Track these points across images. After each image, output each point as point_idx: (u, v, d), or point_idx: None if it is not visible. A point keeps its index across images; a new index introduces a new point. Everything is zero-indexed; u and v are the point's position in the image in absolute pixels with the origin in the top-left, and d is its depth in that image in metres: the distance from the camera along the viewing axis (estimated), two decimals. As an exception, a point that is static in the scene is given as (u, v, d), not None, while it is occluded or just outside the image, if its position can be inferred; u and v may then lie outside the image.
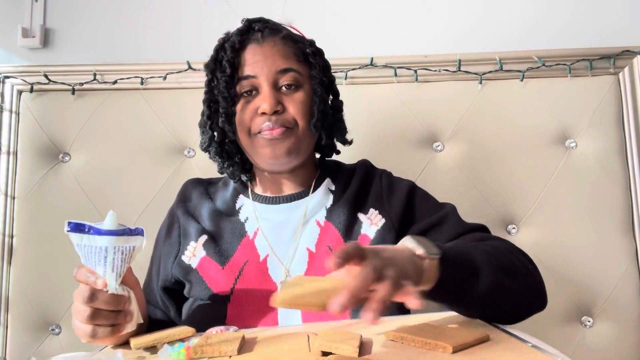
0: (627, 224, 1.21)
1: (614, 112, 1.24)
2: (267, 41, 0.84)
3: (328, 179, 0.92)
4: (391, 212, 0.86)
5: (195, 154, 1.28)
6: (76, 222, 0.65)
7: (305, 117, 0.83)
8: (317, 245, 0.84)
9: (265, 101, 0.81)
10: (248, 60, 0.83)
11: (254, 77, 0.83)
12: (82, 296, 0.65)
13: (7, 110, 1.28)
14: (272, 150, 0.82)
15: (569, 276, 1.19)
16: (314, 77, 0.86)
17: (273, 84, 0.83)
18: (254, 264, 0.83)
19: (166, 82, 1.28)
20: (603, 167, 1.22)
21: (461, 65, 1.25)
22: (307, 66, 0.87)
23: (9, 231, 1.24)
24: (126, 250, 0.66)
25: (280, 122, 0.82)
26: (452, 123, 1.25)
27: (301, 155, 0.86)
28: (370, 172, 0.93)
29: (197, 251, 0.86)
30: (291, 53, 0.85)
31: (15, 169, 1.27)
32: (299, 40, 0.88)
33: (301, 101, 0.83)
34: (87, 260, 0.66)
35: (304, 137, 0.85)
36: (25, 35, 1.34)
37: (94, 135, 1.28)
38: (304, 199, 0.89)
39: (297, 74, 0.84)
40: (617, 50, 1.23)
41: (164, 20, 1.36)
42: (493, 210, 1.23)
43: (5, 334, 1.21)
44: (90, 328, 0.65)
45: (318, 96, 0.85)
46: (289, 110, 0.83)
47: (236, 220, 0.88)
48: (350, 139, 0.95)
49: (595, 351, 1.17)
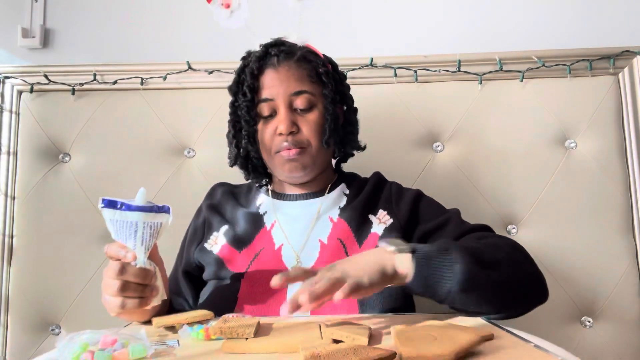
0: (627, 224, 1.21)
1: (613, 113, 1.24)
2: (283, 65, 0.91)
3: (343, 184, 0.99)
4: (399, 214, 0.92)
5: (195, 154, 1.28)
6: (109, 199, 0.71)
7: (317, 137, 0.91)
8: (329, 237, 0.89)
9: (282, 123, 0.89)
10: (266, 84, 0.91)
11: (272, 100, 0.91)
12: (113, 270, 0.69)
13: (7, 111, 1.28)
14: (290, 167, 0.91)
15: (569, 276, 1.19)
16: (326, 95, 0.92)
17: (289, 106, 0.90)
18: (270, 251, 0.89)
19: (166, 82, 1.28)
20: (603, 168, 1.22)
21: (461, 65, 1.25)
22: (320, 85, 0.93)
23: (9, 231, 1.24)
24: (154, 226, 0.70)
25: (296, 142, 0.90)
26: (452, 123, 1.26)
27: (316, 169, 0.94)
28: (382, 181, 1.00)
29: (219, 239, 0.94)
30: (305, 75, 0.91)
31: (15, 169, 1.27)
32: (313, 59, 0.93)
33: (314, 121, 0.91)
34: (119, 235, 0.70)
35: (318, 154, 0.92)
36: (25, 35, 1.34)
37: (94, 135, 1.28)
38: (319, 198, 0.96)
39: (310, 95, 0.91)
40: (616, 50, 1.24)
41: (164, 20, 1.36)
42: (493, 210, 1.23)
43: (5, 334, 1.21)
44: (119, 300, 0.70)
45: (330, 114, 0.92)
46: (303, 131, 0.91)
47: (256, 214, 0.96)
48: (363, 144, 1.02)
49: (595, 351, 1.17)
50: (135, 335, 0.55)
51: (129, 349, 0.52)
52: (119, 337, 0.54)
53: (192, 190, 1.20)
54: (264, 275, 0.85)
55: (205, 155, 1.27)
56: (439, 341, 0.53)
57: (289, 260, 0.88)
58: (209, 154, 1.26)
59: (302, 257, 0.88)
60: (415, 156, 1.25)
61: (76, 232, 1.24)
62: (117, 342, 0.53)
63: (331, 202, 0.95)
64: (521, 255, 0.78)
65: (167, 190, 1.25)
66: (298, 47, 0.94)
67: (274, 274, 0.82)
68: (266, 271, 0.86)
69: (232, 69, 1.26)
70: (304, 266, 0.66)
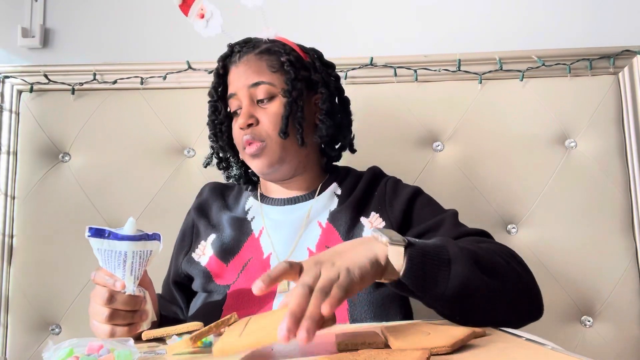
0: (627, 224, 1.21)
1: (613, 112, 1.24)
2: (242, 61, 0.90)
3: (335, 184, 0.94)
4: (392, 215, 0.87)
5: (195, 154, 1.27)
6: (96, 228, 0.68)
7: (277, 128, 0.86)
8: (317, 245, 0.85)
9: (241, 116, 0.87)
10: (230, 81, 0.91)
11: (234, 94, 0.89)
12: (100, 298, 0.68)
13: (7, 110, 1.28)
14: (255, 164, 0.88)
15: (569, 276, 1.19)
16: (285, 84, 0.87)
17: (250, 99, 0.88)
18: (258, 261, 0.86)
19: (166, 82, 1.28)
20: (603, 167, 1.22)
21: (461, 65, 1.25)
22: (283, 75, 0.89)
23: (9, 231, 1.24)
24: (144, 255, 0.69)
25: (254, 135, 0.86)
26: (452, 123, 1.25)
27: (290, 163, 0.89)
28: (378, 177, 0.95)
29: (207, 250, 0.90)
30: (264, 66, 0.88)
31: (15, 169, 1.27)
32: (277, 50, 0.90)
33: (274, 112, 0.87)
34: (107, 264, 0.69)
35: (280, 147, 0.87)
36: (25, 35, 1.34)
37: (94, 135, 1.28)
38: (309, 201, 0.92)
39: (269, 85, 0.87)
40: (617, 50, 1.23)
41: (164, 20, 1.36)
42: (493, 210, 1.23)
43: (5, 334, 1.21)
44: (109, 328, 0.69)
45: (289, 103, 0.86)
46: (262, 122, 0.87)
47: (244, 219, 0.92)
48: (353, 144, 0.99)
49: (595, 351, 1.17)
50: (122, 342, 0.55)
51: (114, 354, 0.52)
52: (105, 343, 0.53)
53: (192, 190, 1.19)
54: (250, 287, 0.82)
55: (205, 155, 1.27)
56: (431, 336, 0.51)
57: None
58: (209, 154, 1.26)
59: None
60: (415, 156, 1.25)
61: (76, 232, 1.24)
62: (103, 348, 0.53)
63: (321, 205, 0.91)
64: (520, 266, 0.72)
65: (167, 190, 1.25)
66: (264, 41, 0.93)
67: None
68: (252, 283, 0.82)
69: (232, 68, 1.26)
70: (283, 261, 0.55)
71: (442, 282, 0.60)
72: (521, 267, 0.72)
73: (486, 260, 0.65)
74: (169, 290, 0.96)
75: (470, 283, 0.60)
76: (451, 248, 0.62)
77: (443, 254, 0.61)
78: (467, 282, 0.60)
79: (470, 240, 0.77)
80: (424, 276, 0.59)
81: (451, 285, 0.60)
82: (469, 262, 0.61)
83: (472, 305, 0.62)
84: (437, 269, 0.60)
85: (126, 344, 0.55)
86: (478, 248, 0.67)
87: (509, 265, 0.68)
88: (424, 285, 0.60)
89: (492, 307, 0.63)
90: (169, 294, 0.97)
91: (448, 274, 0.60)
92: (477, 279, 0.61)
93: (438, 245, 0.62)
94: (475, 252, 0.65)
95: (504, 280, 0.65)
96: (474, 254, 0.64)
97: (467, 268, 0.61)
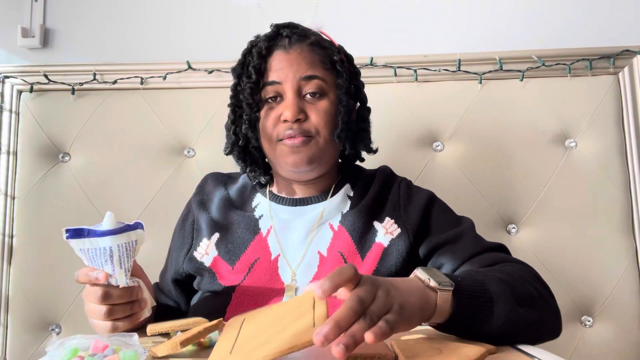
0: (627, 224, 1.21)
1: (613, 112, 1.24)
2: (294, 48, 0.83)
3: (347, 185, 0.91)
4: (407, 222, 0.84)
5: (195, 154, 1.27)
6: (74, 228, 0.67)
7: (327, 127, 0.82)
8: (328, 249, 0.83)
9: (288, 109, 0.80)
10: (274, 67, 0.83)
11: (278, 83, 0.82)
12: (94, 297, 0.66)
13: (7, 110, 1.28)
14: (294, 158, 0.82)
15: (569, 276, 1.19)
16: (340, 85, 0.84)
17: (297, 91, 0.82)
18: (265, 262, 0.83)
19: (166, 82, 1.28)
20: (603, 167, 1.22)
21: (461, 65, 1.25)
22: (333, 74, 0.85)
23: (9, 231, 1.24)
24: (129, 246, 0.68)
25: (302, 131, 0.81)
26: (452, 123, 1.25)
27: (323, 165, 0.86)
28: (390, 179, 0.92)
29: (210, 250, 0.86)
30: (317, 60, 0.83)
31: (15, 169, 1.27)
32: (328, 46, 0.86)
33: (324, 110, 0.82)
34: (93, 262, 0.67)
35: (326, 147, 0.83)
36: (25, 35, 1.34)
37: (94, 135, 1.28)
38: (321, 203, 0.88)
39: (321, 81, 0.83)
40: (617, 50, 1.23)
41: (164, 20, 1.36)
42: (493, 210, 1.23)
43: (5, 334, 1.21)
44: (109, 324, 0.67)
45: (343, 106, 0.83)
46: (312, 118, 0.82)
47: (251, 216, 0.88)
48: (375, 147, 0.94)
49: (595, 351, 1.17)
50: (127, 341, 0.54)
51: (119, 355, 0.51)
52: (110, 343, 0.52)
53: (192, 190, 1.20)
54: (256, 290, 0.80)
55: (205, 155, 1.27)
56: (444, 355, 0.50)
57: (285, 273, 0.82)
58: (209, 154, 1.26)
59: (298, 272, 0.81)
60: (415, 155, 1.25)
61: (76, 232, 1.24)
62: (108, 348, 0.52)
63: (334, 207, 0.87)
64: (543, 288, 0.73)
65: (166, 190, 1.25)
66: (312, 32, 0.87)
67: (267, 289, 0.79)
68: (258, 287, 0.80)
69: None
70: (351, 265, 0.52)
71: (486, 322, 0.59)
72: (544, 290, 0.72)
73: (521, 292, 0.65)
74: (167, 285, 0.93)
75: (511, 319, 0.61)
76: (491, 286, 0.62)
77: (485, 292, 0.61)
78: (509, 319, 0.60)
79: (495, 259, 0.77)
80: (470, 319, 0.59)
81: (495, 325, 0.59)
82: (508, 299, 0.61)
83: (508, 336, 0.62)
84: (481, 310, 0.59)
85: (131, 339, 0.54)
86: (511, 278, 0.67)
87: (540, 295, 0.69)
88: (470, 327, 0.59)
89: (524, 335, 0.64)
90: (166, 288, 0.94)
91: (492, 314, 0.60)
92: (517, 315, 0.62)
93: (479, 282, 0.62)
94: (512, 285, 0.65)
95: (537, 311, 0.66)
96: (511, 288, 0.64)
97: (508, 306, 0.61)
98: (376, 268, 0.80)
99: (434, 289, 0.57)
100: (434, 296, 0.56)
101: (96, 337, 0.54)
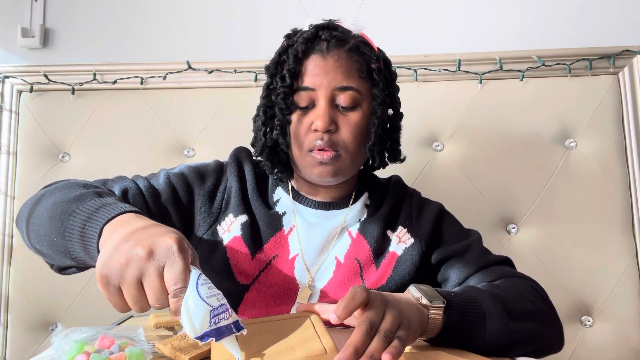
0: (627, 224, 1.21)
1: (613, 112, 1.24)
2: (332, 54, 0.79)
3: (366, 193, 0.90)
4: (420, 232, 0.85)
5: (195, 154, 1.28)
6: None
7: (357, 140, 0.80)
8: (346, 256, 0.82)
9: (320, 119, 0.77)
10: (309, 71, 0.79)
11: (312, 89, 0.79)
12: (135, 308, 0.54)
13: (7, 110, 1.28)
14: (320, 170, 0.80)
15: (569, 276, 1.19)
16: (376, 96, 0.81)
17: (330, 100, 0.79)
18: (283, 260, 0.82)
19: (166, 81, 1.28)
20: (603, 167, 1.22)
21: (461, 65, 1.25)
22: (369, 83, 0.82)
23: (9, 231, 1.24)
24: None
25: (331, 143, 0.78)
26: (452, 123, 1.25)
27: (348, 175, 0.85)
28: (403, 191, 0.92)
29: (233, 227, 0.83)
30: (354, 68, 0.80)
31: (15, 169, 1.27)
32: (366, 52, 0.82)
33: (355, 123, 0.79)
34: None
35: (354, 160, 0.82)
36: (25, 35, 1.34)
37: (93, 135, 1.28)
38: (343, 209, 0.87)
39: (356, 92, 0.79)
40: (617, 49, 1.23)
41: (164, 20, 1.36)
42: (493, 210, 1.23)
43: (5, 334, 1.21)
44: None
45: (377, 117, 0.81)
46: (342, 131, 0.79)
47: (274, 212, 0.86)
48: (403, 156, 0.91)
49: (595, 351, 1.17)
50: (133, 337, 0.53)
51: (126, 352, 0.50)
52: (116, 339, 0.52)
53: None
54: (271, 288, 0.79)
55: (205, 155, 1.27)
56: None
57: (301, 275, 0.81)
58: (209, 154, 1.26)
59: (315, 275, 0.81)
60: (415, 155, 1.25)
61: (76, 232, 1.24)
62: (115, 344, 0.51)
63: (354, 215, 0.87)
64: (544, 303, 0.75)
65: (167, 190, 1.25)
66: (352, 35, 0.83)
67: (283, 288, 0.79)
68: (274, 284, 0.79)
69: (232, 68, 1.26)
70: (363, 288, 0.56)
71: (478, 337, 0.63)
72: (545, 304, 0.75)
73: (516, 307, 0.68)
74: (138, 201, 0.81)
75: (505, 334, 0.64)
76: (485, 302, 0.66)
77: (477, 309, 0.64)
78: (502, 334, 0.64)
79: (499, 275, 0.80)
80: (461, 333, 0.63)
81: (488, 339, 0.63)
82: (500, 314, 0.65)
83: (507, 350, 0.66)
84: (472, 326, 0.63)
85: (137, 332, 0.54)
86: (507, 294, 0.71)
87: (534, 306, 0.72)
88: (461, 341, 0.63)
89: (521, 349, 0.67)
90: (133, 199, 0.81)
91: (484, 330, 0.63)
92: (510, 330, 0.65)
93: (472, 299, 0.65)
94: (507, 301, 0.68)
95: (534, 324, 0.69)
96: (505, 303, 0.67)
97: (500, 321, 0.64)
98: (390, 276, 0.81)
99: (426, 306, 0.61)
100: (426, 312, 0.61)
101: (102, 330, 0.53)
